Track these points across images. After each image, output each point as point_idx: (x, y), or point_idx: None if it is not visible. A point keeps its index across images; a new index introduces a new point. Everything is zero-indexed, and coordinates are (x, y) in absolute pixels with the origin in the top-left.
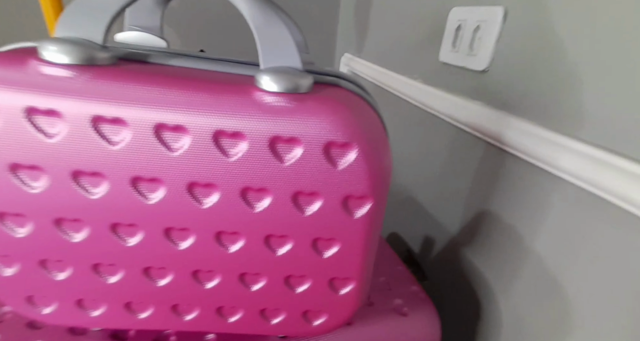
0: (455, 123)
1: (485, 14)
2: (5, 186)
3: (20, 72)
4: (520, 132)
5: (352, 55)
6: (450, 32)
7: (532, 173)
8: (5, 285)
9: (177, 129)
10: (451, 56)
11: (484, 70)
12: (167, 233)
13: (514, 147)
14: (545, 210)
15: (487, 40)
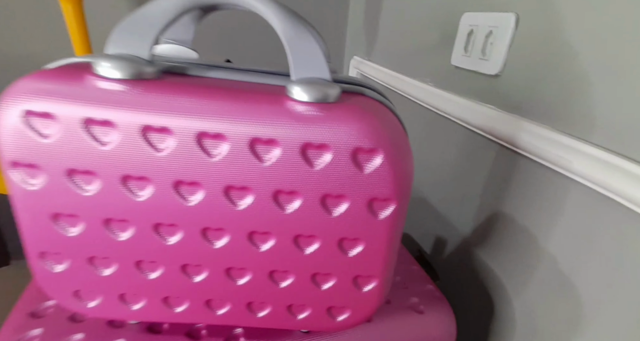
0: (467, 126)
1: (497, 19)
2: (62, 189)
3: (78, 87)
4: (533, 134)
5: (362, 58)
6: (462, 37)
7: (544, 175)
8: (54, 281)
9: (217, 137)
10: (463, 60)
11: (496, 74)
12: (204, 233)
13: (527, 149)
14: (558, 211)
15: (500, 45)
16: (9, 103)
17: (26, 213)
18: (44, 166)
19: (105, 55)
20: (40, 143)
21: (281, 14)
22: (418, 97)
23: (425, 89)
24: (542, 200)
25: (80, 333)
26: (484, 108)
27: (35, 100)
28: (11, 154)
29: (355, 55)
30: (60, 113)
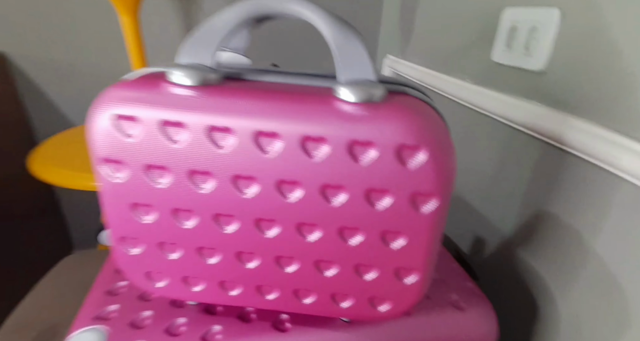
0: (509, 123)
1: (540, 15)
2: (140, 182)
3: (156, 94)
4: (580, 131)
5: (395, 56)
6: (503, 33)
7: (592, 172)
8: (130, 263)
9: (272, 135)
10: (505, 56)
11: (541, 70)
12: (257, 224)
13: (573, 146)
14: (605, 210)
15: (544, 41)
16: (101, 109)
17: (111, 203)
18: (127, 162)
19: (177, 64)
20: (125, 142)
21: (330, 21)
22: (455, 94)
23: (463, 86)
24: (589, 199)
25: (149, 310)
26: (527, 105)
27: (123, 105)
28: (102, 152)
29: (388, 53)
30: (142, 116)
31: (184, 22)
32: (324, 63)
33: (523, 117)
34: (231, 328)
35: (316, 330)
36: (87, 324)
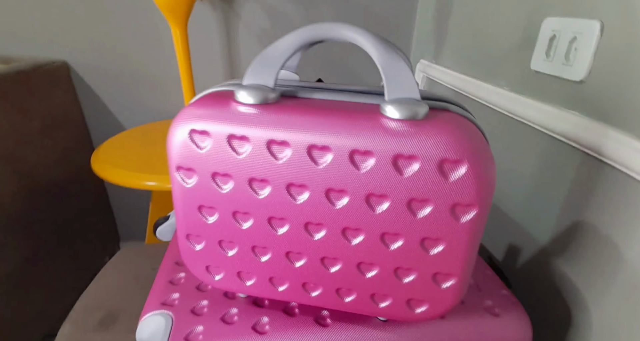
0: (549, 132)
1: (581, 26)
2: (206, 187)
3: (225, 111)
4: (619, 143)
5: (429, 61)
6: (543, 42)
7: (630, 185)
8: (193, 257)
9: (323, 148)
10: (544, 65)
11: (581, 80)
12: (306, 227)
13: (612, 158)
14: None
15: (585, 52)
16: (179, 124)
17: (181, 204)
18: (197, 169)
19: (243, 85)
20: (197, 152)
21: (378, 45)
22: (492, 101)
23: (500, 93)
24: (626, 211)
25: (205, 299)
26: (567, 115)
27: (197, 121)
28: (177, 160)
29: (422, 58)
30: (212, 130)
31: (224, 30)
32: (364, 76)
33: (562, 127)
34: (277, 320)
35: (354, 327)
36: (155, 308)
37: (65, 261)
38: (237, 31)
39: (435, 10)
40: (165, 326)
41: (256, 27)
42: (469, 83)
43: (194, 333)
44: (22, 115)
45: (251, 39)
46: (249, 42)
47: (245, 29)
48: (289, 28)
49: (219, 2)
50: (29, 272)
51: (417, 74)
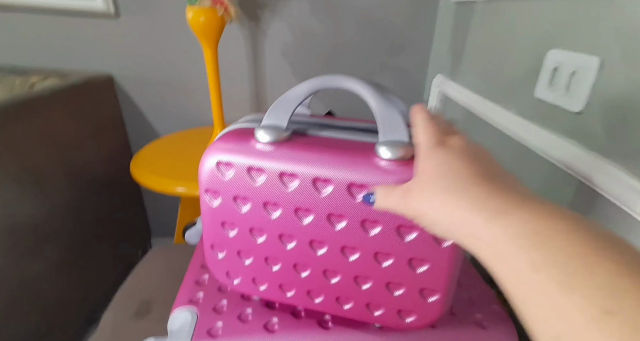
0: (549, 158)
1: (581, 61)
2: (228, 208)
3: (246, 147)
4: (610, 175)
5: (445, 77)
6: (547, 72)
7: (619, 216)
8: (216, 264)
9: (326, 181)
10: (547, 94)
11: (579, 111)
12: (311, 244)
13: (603, 188)
14: None
15: (583, 85)
16: (209, 156)
17: (208, 220)
18: (221, 192)
19: (262, 125)
20: (222, 179)
21: (375, 95)
22: (500, 123)
23: (508, 117)
24: None
25: (225, 299)
26: (565, 143)
27: (223, 154)
28: (206, 184)
29: (438, 73)
30: (235, 162)
31: (251, 46)
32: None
33: (560, 155)
34: (286, 321)
35: (352, 331)
36: (184, 304)
37: (105, 252)
38: (264, 47)
39: (452, 28)
40: (192, 320)
41: (281, 43)
42: (480, 103)
43: (215, 328)
44: (75, 123)
45: (276, 55)
46: (274, 57)
47: (271, 45)
48: (312, 44)
49: (247, 22)
50: (76, 259)
51: (432, 89)
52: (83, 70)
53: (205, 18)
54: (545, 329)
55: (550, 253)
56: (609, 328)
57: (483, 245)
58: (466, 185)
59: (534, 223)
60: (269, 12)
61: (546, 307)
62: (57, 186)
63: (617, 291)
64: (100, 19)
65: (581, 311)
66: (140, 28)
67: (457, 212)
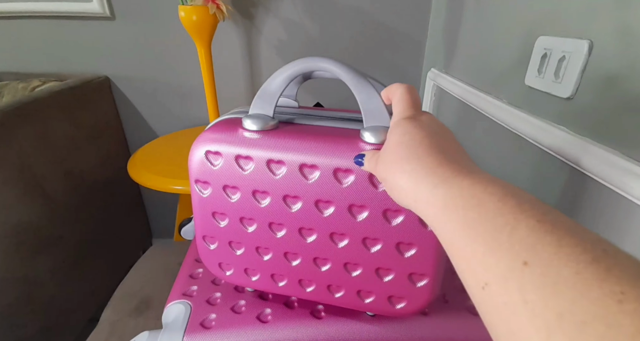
0: (540, 145)
1: (571, 45)
2: (219, 197)
3: (233, 136)
4: (599, 158)
5: (439, 71)
6: (536, 59)
7: (611, 198)
8: (208, 255)
9: (312, 167)
10: (537, 81)
11: (569, 97)
12: (300, 231)
13: (594, 172)
14: (624, 235)
15: (572, 70)
16: (197, 146)
17: (199, 211)
18: (211, 182)
19: (248, 115)
20: (211, 168)
21: (357, 81)
22: (492, 113)
23: (499, 106)
24: (607, 224)
25: (219, 292)
26: (556, 130)
27: (211, 144)
28: (196, 174)
29: (433, 67)
30: (223, 151)
31: (246, 44)
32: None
33: (550, 141)
34: (279, 311)
35: (345, 320)
36: (178, 298)
37: (106, 254)
38: (259, 45)
39: (445, 22)
40: (185, 312)
41: (276, 41)
42: (473, 94)
43: (208, 320)
44: (74, 125)
45: (271, 52)
46: (269, 54)
47: (266, 42)
48: (307, 41)
49: (242, 20)
50: (77, 262)
51: (427, 82)
52: (81, 73)
53: (198, 16)
54: (474, 281)
55: (481, 213)
56: (526, 278)
57: (429, 209)
58: (421, 155)
59: (471, 188)
60: (263, 10)
61: (476, 260)
62: (57, 189)
63: (535, 246)
64: (96, 21)
65: (503, 262)
66: (136, 29)
67: (409, 178)
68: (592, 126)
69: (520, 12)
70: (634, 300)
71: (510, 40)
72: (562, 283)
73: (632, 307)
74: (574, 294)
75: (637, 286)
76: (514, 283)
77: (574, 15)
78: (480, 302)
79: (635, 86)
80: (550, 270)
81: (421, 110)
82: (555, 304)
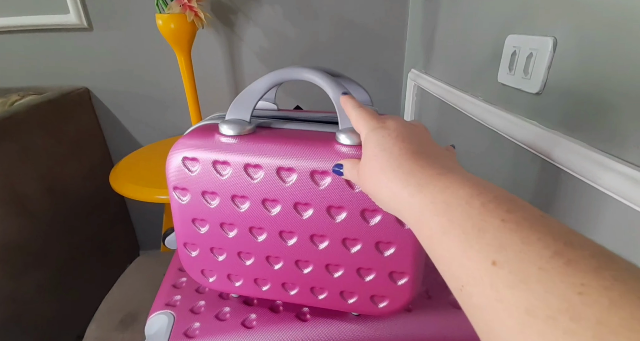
0: (513, 140)
1: (537, 42)
2: (198, 203)
3: (210, 141)
4: (568, 150)
5: (419, 71)
6: (507, 57)
7: (581, 188)
8: (190, 262)
9: (289, 170)
10: (508, 78)
11: (538, 92)
12: (281, 234)
13: (564, 164)
14: (594, 223)
15: (539, 66)
16: (174, 153)
17: (178, 218)
18: (189, 189)
19: (225, 120)
20: (189, 175)
21: (332, 85)
22: (470, 111)
23: (476, 104)
24: (579, 212)
25: (203, 300)
26: (527, 124)
27: (188, 150)
28: (174, 181)
29: (413, 68)
30: (200, 157)
31: (228, 52)
32: None
33: (523, 135)
34: (264, 316)
35: (330, 321)
36: (160, 309)
37: (94, 268)
38: (240, 52)
39: (423, 24)
40: (168, 323)
41: (257, 47)
42: (451, 93)
43: (191, 329)
44: (54, 138)
45: (253, 59)
46: (252, 61)
47: (248, 50)
48: (288, 47)
49: (223, 28)
50: (64, 278)
51: (408, 82)
52: (60, 86)
53: (176, 24)
54: (455, 283)
55: (453, 218)
56: (497, 277)
57: (409, 215)
58: (395, 164)
59: (443, 193)
60: (243, 17)
61: (454, 264)
62: (41, 206)
63: (502, 245)
64: (73, 32)
65: (477, 264)
66: (114, 39)
67: (388, 188)
68: (560, 120)
69: (491, 13)
70: (594, 291)
71: (483, 40)
72: (528, 280)
73: (592, 299)
74: (540, 290)
75: (597, 275)
76: (487, 283)
77: (540, 13)
78: (461, 303)
79: (596, 80)
80: (517, 268)
81: (380, 118)
82: (524, 301)
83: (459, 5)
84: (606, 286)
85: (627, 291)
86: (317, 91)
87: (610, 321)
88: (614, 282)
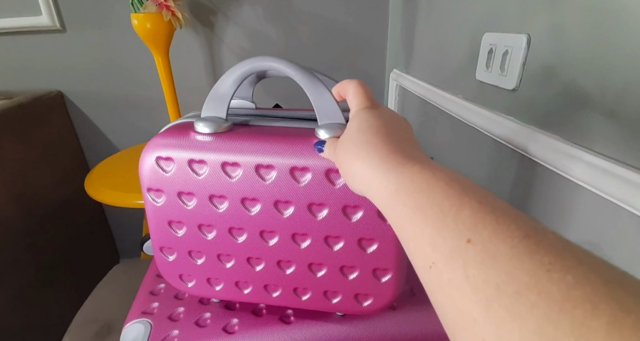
0: (493, 136)
1: (511, 40)
2: (174, 205)
3: (185, 140)
4: (541, 143)
5: (400, 71)
6: (483, 54)
7: (556, 181)
8: (168, 267)
9: (268, 167)
10: (486, 75)
11: (514, 88)
12: (261, 234)
13: (540, 158)
14: (568, 213)
15: (515, 63)
16: (148, 153)
17: (153, 221)
18: (164, 190)
19: (200, 118)
20: (164, 176)
21: (307, 80)
22: (450, 109)
23: (455, 101)
24: (554, 204)
25: (182, 307)
26: (504, 120)
27: (162, 150)
28: (148, 183)
29: (395, 68)
30: (175, 157)
31: (208, 53)
32: None
33: (501, 131)
34: (246, 321)
35: (315, 322)
36: (136, 317)
37: (70, 278)
38: (221, 53)
39: (402, 26)
40: (144, 332)
41: (238, 48)
42: (432, 92)
43: (170, 337)
44: (25, 144)
45: (234, 59)
46: (232, 63)
47: (228, 50)
48: (269, 49)
49: (202, 28)
50: (39, 288)
51: (390, 82)
52: (31, 90)
53: (152, 24)
54: (423, 260)
55: (429, 197)
56: (469, 254)
57: (381, 193)
58: (376, 142)
59: (421, 174)
60: (223, 18)
61: (424, 241)
62: (10, 213)
63: (477, 225)
64: (46, 34)
65: (450, 242)
66: (89, 41)
67: (364, 164)
68: (535, 115)
69: (467, 11)
70: (560, 268)
71: (461, 39)
72: (500, 257)
73: (559, 276)
74: (509, 267)
75: (563, 256)
76: (459, 260)
77: (514, 11)
78: (428, 281)
79: (568, 76)
80: (490, 246)
81: (375, 102)
82: (493, 277)
83: (436, 6)
84: (571, 266)
85: (589, 270)
86: (297, 89)
87: (575, 296)
88: (577, 263)
